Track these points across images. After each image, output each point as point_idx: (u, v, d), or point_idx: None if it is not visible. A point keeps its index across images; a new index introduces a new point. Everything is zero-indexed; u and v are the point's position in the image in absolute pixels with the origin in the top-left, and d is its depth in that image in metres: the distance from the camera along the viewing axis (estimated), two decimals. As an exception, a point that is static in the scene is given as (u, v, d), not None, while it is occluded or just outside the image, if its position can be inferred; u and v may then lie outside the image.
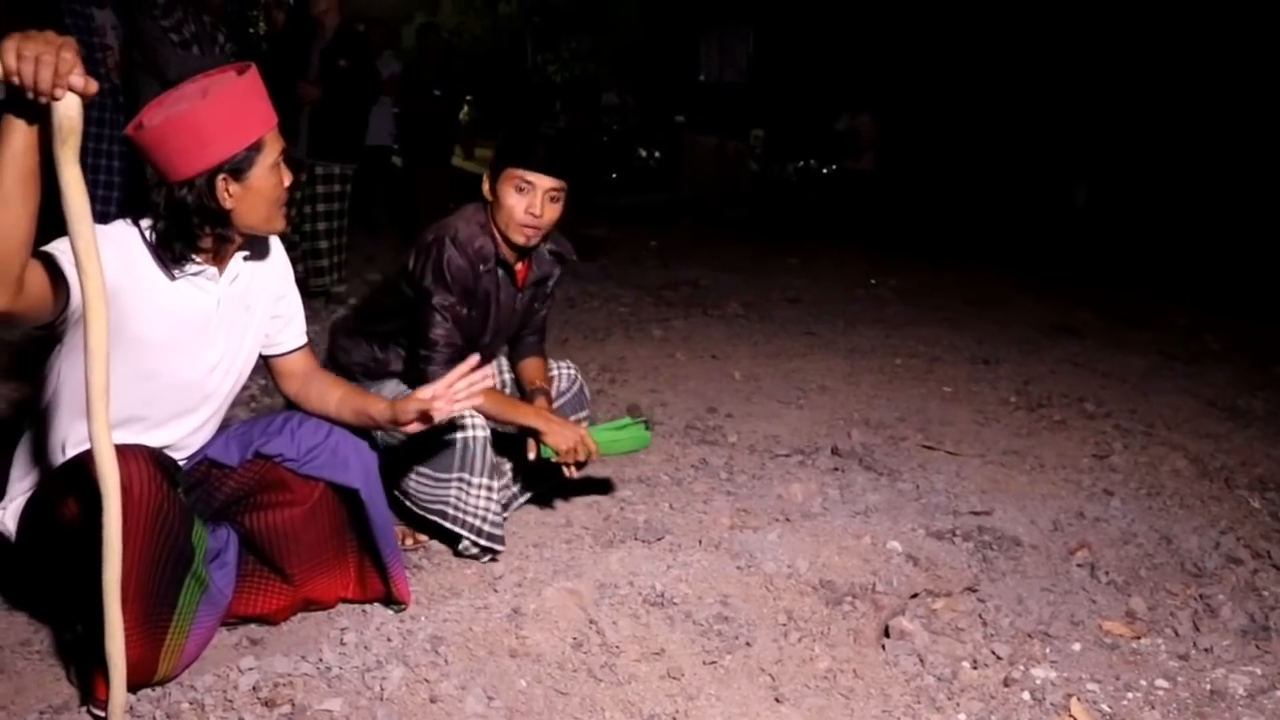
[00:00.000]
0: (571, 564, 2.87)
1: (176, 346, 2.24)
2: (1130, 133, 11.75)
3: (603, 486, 3.50)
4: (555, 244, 3.20)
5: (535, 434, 2.96)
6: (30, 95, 1.55)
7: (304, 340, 2.59)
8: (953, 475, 3.74)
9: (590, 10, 16.24)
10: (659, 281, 7.39)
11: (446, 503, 2.88)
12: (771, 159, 13.66)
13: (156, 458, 2.16)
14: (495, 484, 2.93)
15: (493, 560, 2.93)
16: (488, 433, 2.91)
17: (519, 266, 3.10)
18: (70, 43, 1.57)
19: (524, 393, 3.22)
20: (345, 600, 2.63)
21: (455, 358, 2.93)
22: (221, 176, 2.14)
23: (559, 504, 3.35)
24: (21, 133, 1.62)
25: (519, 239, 2.95)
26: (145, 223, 2.18)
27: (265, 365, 2.56)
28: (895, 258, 8.84)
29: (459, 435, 2.86)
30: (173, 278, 2.20)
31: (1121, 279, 8.53)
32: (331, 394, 2.54)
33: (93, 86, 1.59)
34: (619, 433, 3.14)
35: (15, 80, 1.54)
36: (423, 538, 3.05)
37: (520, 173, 2.89)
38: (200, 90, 2.13)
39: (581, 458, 2.97)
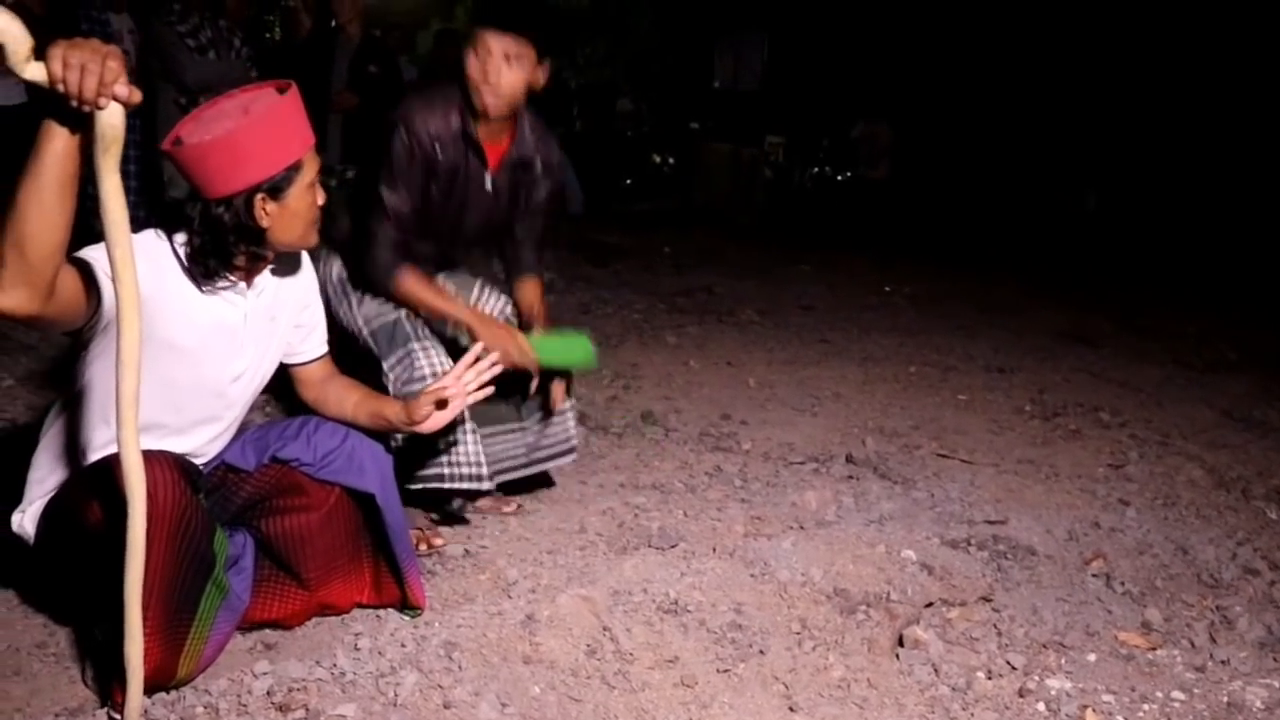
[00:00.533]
0: (585, 571, 2.87)
1: (204, 355, 2.25)
2: (1140, 138, 11.72)
3: (616, 493, 3.50)
4: (543, 136, 3.11)
5: (469, 331, 2.92)
6: (74, 103, 1.55)
7: (324, 349, 2.61)
8: (967, 484, 3.73)
9: (606, 16, 16.28)
10: (673, 288, 7.38)
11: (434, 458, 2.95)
12: (787, 165, 13.66)
13: (180, 464, 2.17)
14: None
15: (458, 526, 2.96)
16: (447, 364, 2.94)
17: (500, 143, 3.00)
18: (116, 52, 1.57)
19: (521, 322, 3.19)
20: (361, 605, 2.64)
21: (402, 251, 2.91)
22: (259, 196, 2.15)
23: (572, 510, 3.34)
24: (63, 138, 1.62)
25: (477, 105, 2.87)
26: (179, 238, 2.19)
27: (285, 371, 2.58)
28: (909, 265, 8.83)
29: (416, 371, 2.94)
30: (202, 291, 2.21)
31: (1135, 286, 8.50)
32: (348, 398, 2.56)
33: (136, 96, 1.59)
34: (561, 343, 3.09)
35: (60, 88, 1.54)
36: (438, 542, 3.05)
37: (479, 33, 2.82)
38: (241, 108, 2.13)
39: (517, 360, 2.90)
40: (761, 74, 14.02)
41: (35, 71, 1.54)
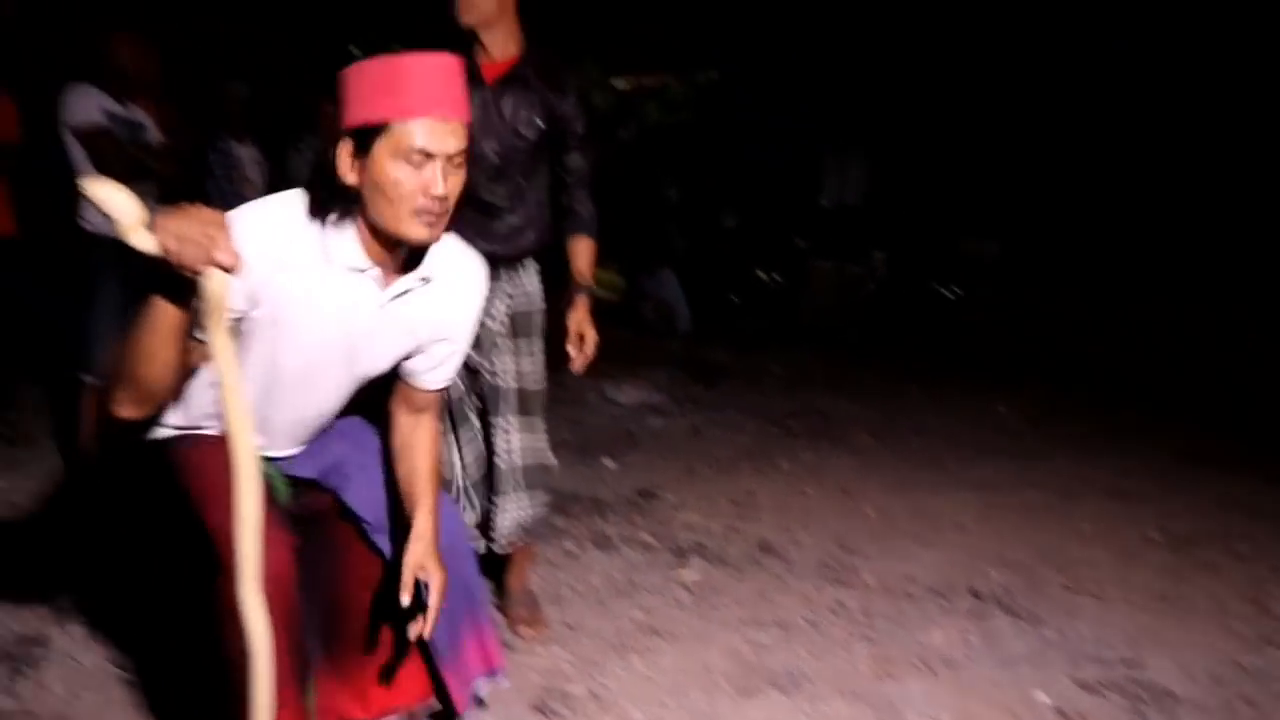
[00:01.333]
0: (710, 714, 2.85)
1: (323, 363, 2.15)
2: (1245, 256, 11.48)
3: (738, 630, 3.47)
4: (549, 62, 3.11)
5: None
6: (178, 270, 1.67)
7: (442, 385, 2.34)
8: (1098, 620, 3.63)
9: (706, 131, 16.53)
10: (783, 409, 7.35)
11: None
12: (894, 282, 13.65)
13: (290, 542, 2.06)
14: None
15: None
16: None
17: (498, 63, 3.03)
18: (221, 220, 1.68)
19: (574, 284, 3.19)
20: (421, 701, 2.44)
21: None
22: (348, 141, 1.94)
23: (694, 648, 3.31)
24: (168, 298, 1.74)
25: (459, 20, 2.95)
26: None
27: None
28: (1022, 383, 8.71)
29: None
30: (329, 264, 2.02)
31: (1253, 403, 8.23)
32: (412, 473, 2.26)
33: (240, 264, 1.70)
34: None
35: (169, 258, 1.66)
36: (532, 632, 3.05)
37: None
38: (416, 52, 1.96)
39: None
40: (867, 190, 14.11)
41: (142, 240, 1.66)
